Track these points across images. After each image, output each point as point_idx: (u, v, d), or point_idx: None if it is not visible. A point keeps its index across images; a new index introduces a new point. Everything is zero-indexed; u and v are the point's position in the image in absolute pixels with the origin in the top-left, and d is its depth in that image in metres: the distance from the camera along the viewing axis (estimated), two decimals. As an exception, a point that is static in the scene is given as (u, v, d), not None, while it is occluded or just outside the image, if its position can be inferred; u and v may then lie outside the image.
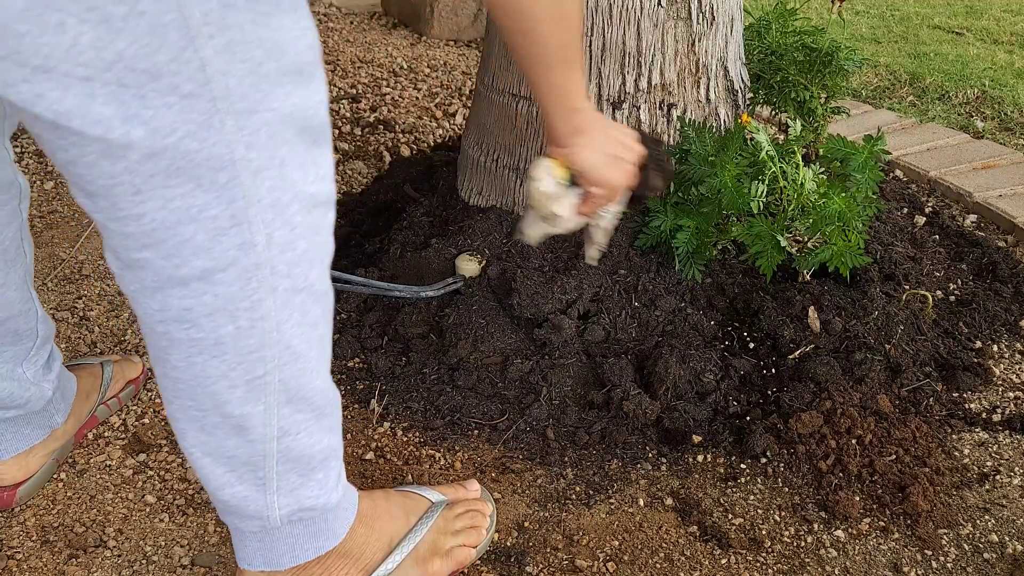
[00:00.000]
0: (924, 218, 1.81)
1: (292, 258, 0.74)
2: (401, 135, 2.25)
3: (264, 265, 0.72)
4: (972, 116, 2.40)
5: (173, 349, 0.76)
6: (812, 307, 1.40)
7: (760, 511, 1.16)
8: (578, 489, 1.19)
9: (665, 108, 1.44)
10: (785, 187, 1.32)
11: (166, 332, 0.75)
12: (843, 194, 1.31)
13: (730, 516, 1.15)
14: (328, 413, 0.88)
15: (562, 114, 1.00)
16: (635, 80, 1.40)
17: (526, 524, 1.13)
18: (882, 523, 1.14)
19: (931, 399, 1.32)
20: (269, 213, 0.71)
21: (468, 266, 1.42)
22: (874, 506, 1.16)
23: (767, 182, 1.32)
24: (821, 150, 1.45)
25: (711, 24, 1.42)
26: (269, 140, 0.68)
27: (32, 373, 1.08)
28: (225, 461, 0.83)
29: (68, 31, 0.58)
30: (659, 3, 1.36)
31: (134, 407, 1.31)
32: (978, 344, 1.45)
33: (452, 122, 2.36)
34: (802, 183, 1.32)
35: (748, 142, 1.40)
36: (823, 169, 1.38)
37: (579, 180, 1.06)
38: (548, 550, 1.10)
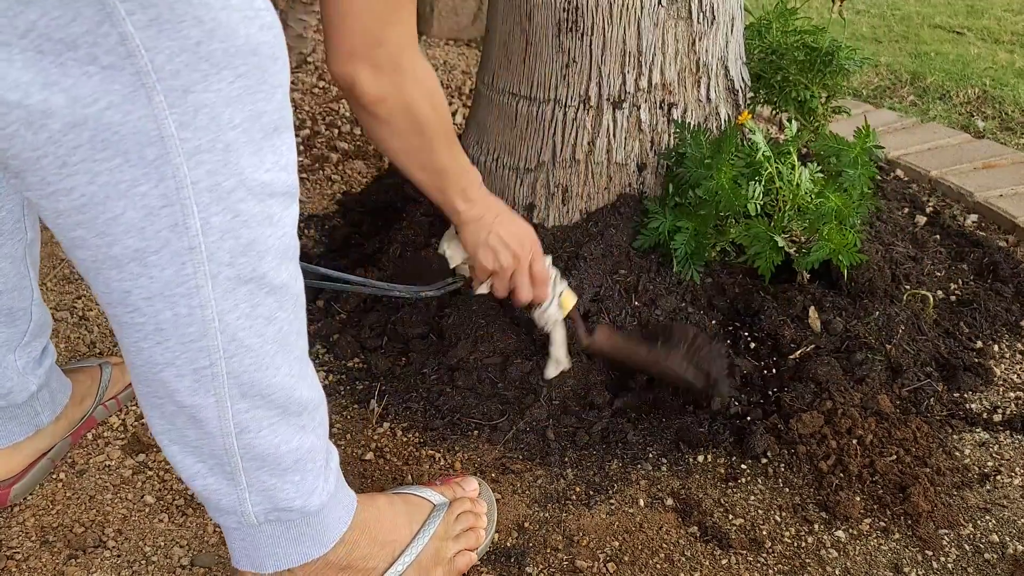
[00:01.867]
0: (925, 218, 1.81)
1: (235, 247, 0.72)
2: (401, 135, 2.24)
3: (198, 250, 0.71)
4: (973, 116, 2.40)
5: (122, 333, 0.76)
6: (813, 307, 1.40)
7: (761, 511, 1.16)
8: (578, 489, 1.18)
9: (666, 108, 1.44)
10: (781, 188, 1.32)
11: (114, 315, 0.75)
12: (838, 192, 1.31)
13: (730, 516, 1.15)
14: (297, 412, 0.84)
15: (457, 192, 1.16)
16: (635, 79, 1.40)
17: (526, 525, 1.13)
18: (883, 523, 1.13)
19: (932, 399, 1.32)
20: (206, 197, 0.69)
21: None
22: (875, 506, 1.15)
23: (763, 183, 1.31)
24: (812, 148, 1.45)
25: (711, 23, 1.42)
26: (210, 122, 0.67)
27: (23, 363, 1.07)
28: (192, 451, 0.82)
29: None
30: (659, 2, 1.36)
31: (133, 407, 1.31)
32: (979, 344, 1.45)
33: (452, 121, 2.35)
34: (798, 183, 1.31)
35: (744, 143, 1.40)
36: (820, 168, 1.37)
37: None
38: (548, 551, 1.10)
